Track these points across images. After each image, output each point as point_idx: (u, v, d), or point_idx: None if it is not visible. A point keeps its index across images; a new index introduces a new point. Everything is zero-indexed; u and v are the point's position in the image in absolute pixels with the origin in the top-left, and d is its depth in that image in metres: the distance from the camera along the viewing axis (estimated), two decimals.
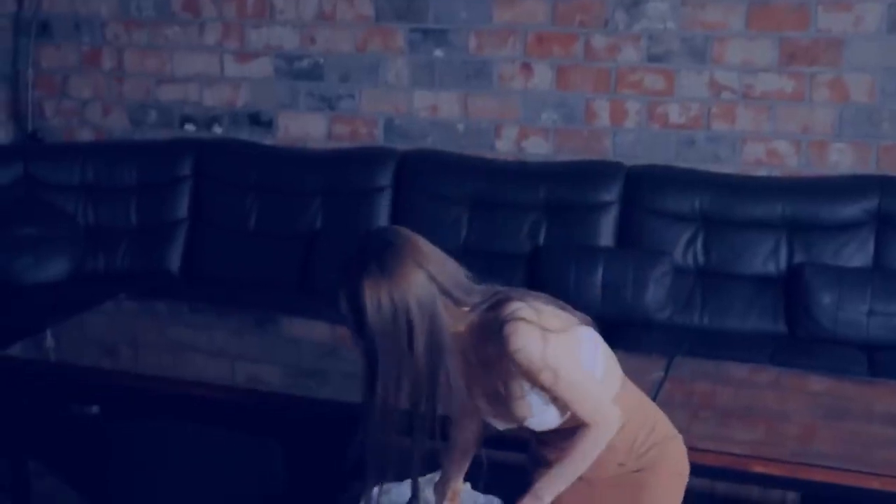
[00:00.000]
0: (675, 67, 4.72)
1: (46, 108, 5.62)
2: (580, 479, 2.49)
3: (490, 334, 2.33)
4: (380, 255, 2.27)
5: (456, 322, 2.32)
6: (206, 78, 5.36)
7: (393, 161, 4.92)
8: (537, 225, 4.64)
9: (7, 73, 5.59)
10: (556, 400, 2.37)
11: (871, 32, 4.50)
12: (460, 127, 5.03)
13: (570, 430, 2.42)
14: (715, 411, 3.37)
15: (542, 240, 4.61)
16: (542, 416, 2.41)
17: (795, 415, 3.35)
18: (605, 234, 4.57)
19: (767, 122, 4.66)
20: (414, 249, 2.31)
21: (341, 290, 2.28)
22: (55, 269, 4.77)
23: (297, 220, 4.91)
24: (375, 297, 2.24)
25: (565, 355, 2.34)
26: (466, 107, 5.02)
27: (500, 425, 2.48)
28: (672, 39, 4.71)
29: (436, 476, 2.59)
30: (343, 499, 3.14)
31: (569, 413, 2.40)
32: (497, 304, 2.35)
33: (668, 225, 4.52)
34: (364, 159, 4.97)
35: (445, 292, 2.31)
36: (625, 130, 4.82)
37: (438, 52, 5.00)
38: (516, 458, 2.69)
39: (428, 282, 2.28)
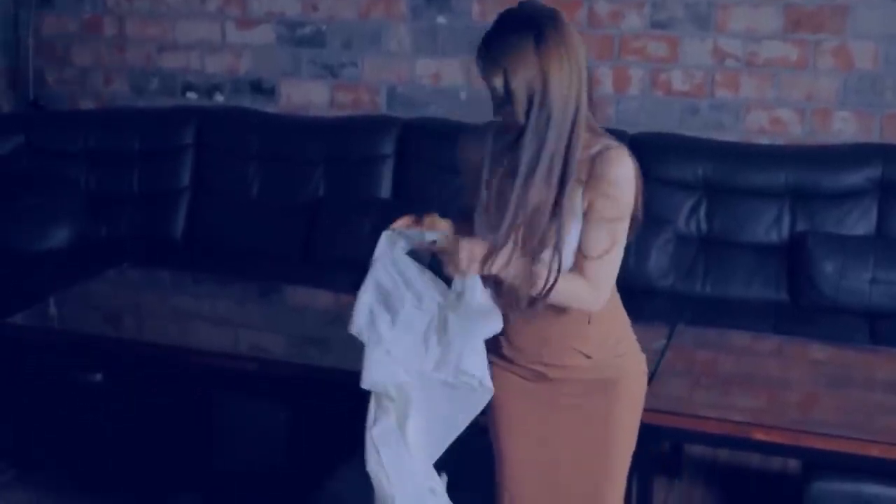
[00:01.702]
0: (678, 34, 4.70)
1: (48, 76, 5.60)
2: (543, 379, 2.43)
3: (589, 149, 2.29)
4: (553, 23, 2.20)
5: None
6: (208, 45, 5.35)
7: (396, 129, 4.90)
8: None
9: (8, 41, 5.57)
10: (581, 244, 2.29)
11: None
12: (463, 95, 5.01)
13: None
14: (717, 379, 3.38)
15: None
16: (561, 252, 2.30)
17: (797, 383, 3.36)
18: None
19: (771, 90, 4.65)
20: (573, 28, 2.25)
21: (511, 56, 2.17)
22: (57, 237, 4.77)
23: (299, 189, 4.91)
24: (558, 62, 2.18)
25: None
26: (469, 75, 4.99)
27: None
28: (676, 6, 4.68)
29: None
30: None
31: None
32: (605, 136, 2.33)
33: (671, 193, 4.51)
34: (367, 128, 4.96)
35: (588, 82, 2.27)
36: (628, 98, 4.81)
37: (441, 19, 4.97)
38: None
39: (585, 63, 2.24)
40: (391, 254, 2.40)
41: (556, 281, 2.27)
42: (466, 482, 2.62)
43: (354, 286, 4.36)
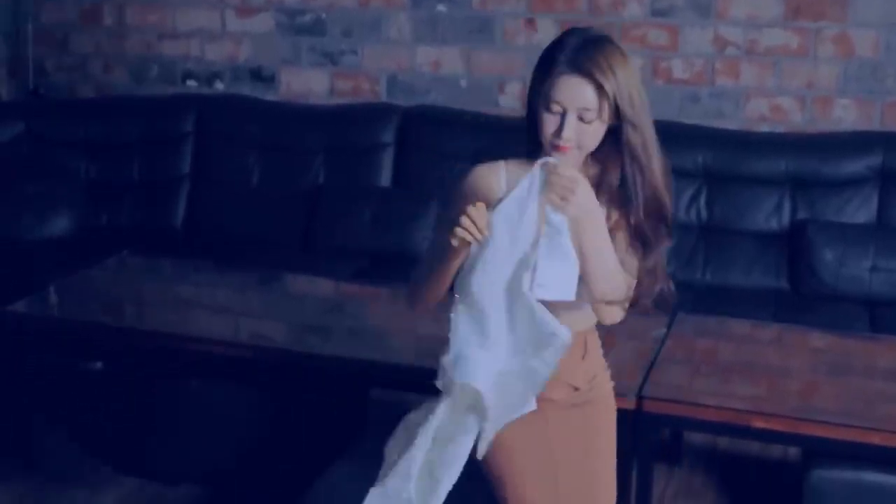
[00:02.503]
0: (679, 22, 4.69)
1: (47, 65, 5.59)
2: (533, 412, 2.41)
3: None
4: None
5: None
6: (208, 33, 5.33)
7: (396, 117, 4.89)
8: None
9: (7, 29, 5.55)
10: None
11: None
12: (463, 83, 5.00)
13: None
14: (717, 367, 3.38)
15: None
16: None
17: (797, 371, 3.36)
18: None
19: (771, 78, 4.64)
20: None
21: (614, 59, 2.24)
22: (58, 225, 4.76)
23: (299, 177, 4.90)
24: (638, 73, 2.31)
25: None
26: (469, 62, 4.98)
27: None
28: None
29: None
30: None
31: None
32: None
33: (672, 181, 4.50)
34: (367, 116, 4.95)
35: None
36: None
37: (441, 7, 4.96)
38: None
39: None
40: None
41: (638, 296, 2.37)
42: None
43: (355, 275, 4.38)
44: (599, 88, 2.21)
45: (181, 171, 5.08)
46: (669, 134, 4.60)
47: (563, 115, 2.24)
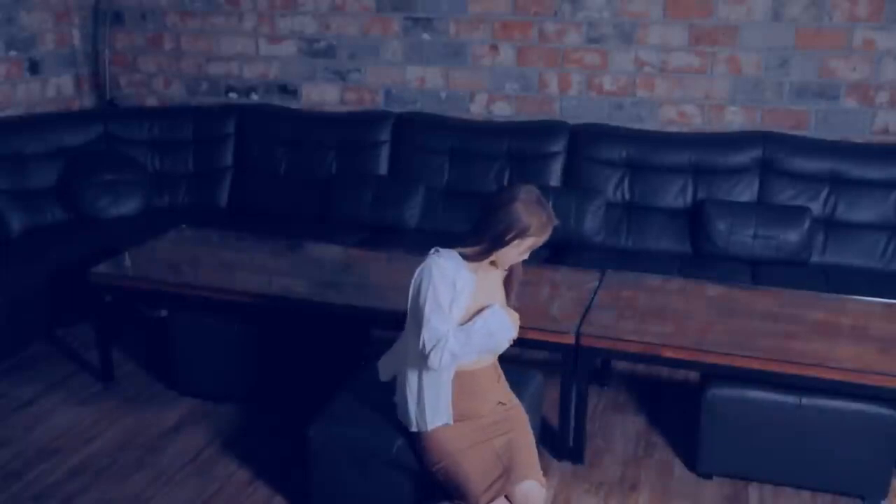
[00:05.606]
0: (608, 48, 4.68)
1: (121, 81, 5.54)
2: (469, 421, 2.67)
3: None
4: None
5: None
6: (245, 56, 5.29)
7: (391, 121, 4.87)
8: (502, 170, 4.63)
9: (89, 53, 5.50)
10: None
11: (759, 20, 4.46)
12: (443, 95, 4.98)
13: None
14: (636, 311, 3.40)
15: (505, 182, 4.59)
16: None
17: (696, 313, 3.38)
18: (554, 176, 4.57)
19: (678, 90, 4.64)
20: None
21: (519, 210, 2.56)
22: (129, 205, 4.74)
23: (316, 168, 4.88)
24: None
25: None
26: (447, 79, 4.97)
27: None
28: (606, 26, 4.65)
29: None
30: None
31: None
32: None
33: (602, 170, 4.51)
34: (368, 120, 4.93)
35: None
36: (569, 97, 4.79)
37: (426, 36, 4.93)
38: None
39: None
40: None
41: None
42: None
43: (359, 242, 4.37)
44: None
45: (225, 163, 5.05)
46: (601, 133, 4.66)
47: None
